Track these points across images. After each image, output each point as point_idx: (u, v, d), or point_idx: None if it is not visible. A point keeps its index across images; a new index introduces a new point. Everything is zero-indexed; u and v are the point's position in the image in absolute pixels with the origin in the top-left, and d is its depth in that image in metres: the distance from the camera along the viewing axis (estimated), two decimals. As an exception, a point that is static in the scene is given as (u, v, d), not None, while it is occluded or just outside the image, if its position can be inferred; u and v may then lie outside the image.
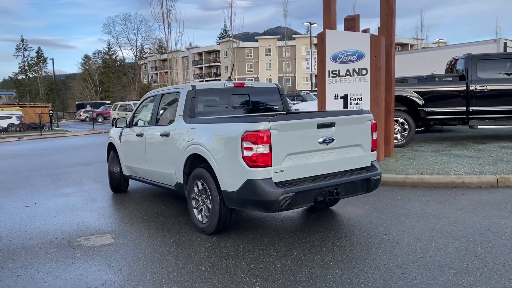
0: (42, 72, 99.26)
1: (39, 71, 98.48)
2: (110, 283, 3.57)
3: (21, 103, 64.67)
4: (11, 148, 17.92)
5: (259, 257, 4.07)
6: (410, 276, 3.51)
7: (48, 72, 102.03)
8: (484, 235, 4.42)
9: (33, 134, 26.70)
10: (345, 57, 8.76)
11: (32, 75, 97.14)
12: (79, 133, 26.37)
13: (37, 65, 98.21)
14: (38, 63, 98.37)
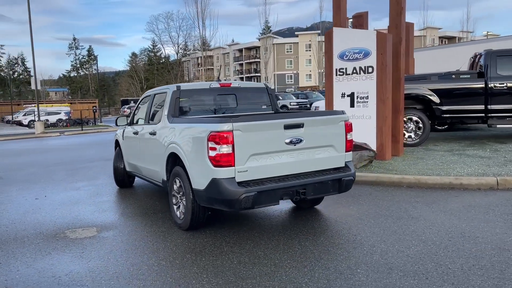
0: (93, 69, 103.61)
1: (90, 69, 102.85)
2: (74, 274, 3.85)
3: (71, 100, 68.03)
4: (51, 143, 19.00)
5: (221, 254, 4.21)
6: (355, 277, 3.54)
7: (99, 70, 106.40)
8: (454, 239, 4.34)
9: (74, 129, 28.11)
10: (351, 55, 8.69)
11: (83, 72, 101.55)
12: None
13: (88, 62, 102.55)
14: (89, 61, 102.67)
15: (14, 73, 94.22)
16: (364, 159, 7.87)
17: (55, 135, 23.72)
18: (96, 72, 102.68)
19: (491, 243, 4.16)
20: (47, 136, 23.45)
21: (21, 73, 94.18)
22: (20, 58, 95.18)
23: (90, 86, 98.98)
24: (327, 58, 9.12)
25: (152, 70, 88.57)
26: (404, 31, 8.92)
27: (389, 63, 8.39)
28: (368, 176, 7.11)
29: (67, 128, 31.72)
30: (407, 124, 10.16)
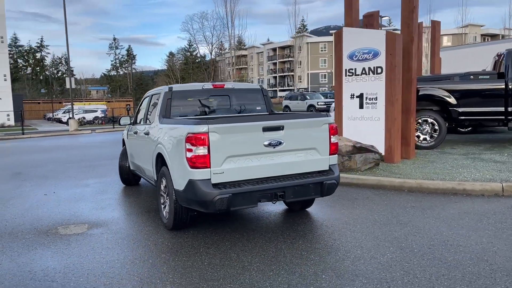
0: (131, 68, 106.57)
1: (129, 68, 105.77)
2: (49, 269, 3.99)
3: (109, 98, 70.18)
4: (80, 140, 19.69)
5: (195, 255, 4.25)
6: (317, 283, 3.49)
7: (137, 69, 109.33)
8: (435, 247, 4.20)
9: (107, 127, 28.99)
10: (361, 55, 8.54)
11: (122, 71, 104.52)
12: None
13: (127, 62, 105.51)
14: (128, 60, 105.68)
15: (58, 72, 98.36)
16: (369, 162, 7.71)
17: (86, 133, 24.54)
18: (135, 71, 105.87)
19: (472, 253, 4.00)
20: (79, 133, 24.31)
21: (64, 72, 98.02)
22: (64, 57, 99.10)
23: (128, 85, 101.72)
24: (336, 58, 8.99)
25: (187, 69, 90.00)
26: (416, 30, 8.66)
27: (398, 63, 8.17)
28: (369, 179, 6.97)
29: (101, 126, 32.71)
30: (422, 126, 9.87)
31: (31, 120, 49.01)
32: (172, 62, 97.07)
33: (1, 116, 36.97)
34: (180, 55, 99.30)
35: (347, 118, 8.90)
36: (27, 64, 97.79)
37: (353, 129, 8.76)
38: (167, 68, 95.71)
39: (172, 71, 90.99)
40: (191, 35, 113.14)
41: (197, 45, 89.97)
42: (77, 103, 47.82)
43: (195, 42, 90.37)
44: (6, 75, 38.30)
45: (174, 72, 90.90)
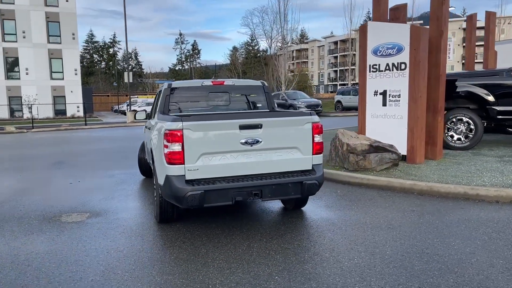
0: (196, 62, 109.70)
1: (193, 62, 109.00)
2: (33, 254, 4.28)
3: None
4: (131, 132, 20.69)
5: (167, 249, 4.36)
6: (267, 284, 3.46)
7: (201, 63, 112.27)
8: (409, 254, 3.99)
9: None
10: (385, 50, 8.20)
11: (187, 65, 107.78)
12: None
13: (192, 56, 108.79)
14: (193, 54, 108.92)
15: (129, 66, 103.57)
16: (385, 162, 7.41)
17: (141, 125, 25.68)
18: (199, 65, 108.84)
19: (444, 263, 3.76)
20: (135, 125, 25.52)
21: (134, 67, 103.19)
22: (134, 52, 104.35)
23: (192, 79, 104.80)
24: (361, 53, 8.69)
25: (249, 64, 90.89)
26: (446, 24, 8.15)
27: (423, 59, 7.75)
28: (379, 180, 6.71)
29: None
30: (457, 125, 9.29)
31: (100, 112, 52.17)
32: (234, 57, 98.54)
33: (72, 108, 39.70)
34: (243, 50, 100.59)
35: (370, 116, 8.60)
36: (101, 59, 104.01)
37: (376, 127, 8.45)
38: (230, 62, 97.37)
39: (234, 65, 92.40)
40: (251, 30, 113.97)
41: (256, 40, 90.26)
42: (141, 96, 50.12)
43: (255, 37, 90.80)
44: (77, 69, 40.97)
45: (236, 66, 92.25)
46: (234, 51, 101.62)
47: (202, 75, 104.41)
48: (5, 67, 38.33)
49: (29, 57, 38.66)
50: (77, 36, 40.65)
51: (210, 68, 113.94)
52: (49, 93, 39.63)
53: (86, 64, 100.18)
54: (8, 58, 38.44)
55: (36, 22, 38.77)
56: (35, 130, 24.41)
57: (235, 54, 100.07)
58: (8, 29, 38.23)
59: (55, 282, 3.60)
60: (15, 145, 16.15)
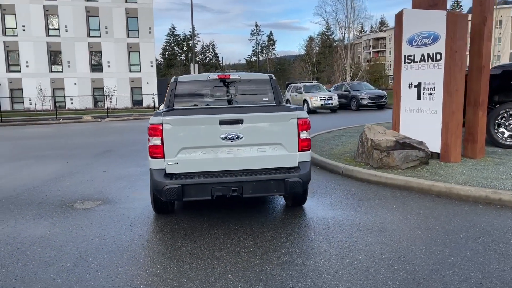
0: (271, 54, 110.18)
1: (269, 53, 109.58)
2: (29, 237, 4.62)
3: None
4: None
5: (151, 240, 4.49)
6: (216, 281, 3.44)
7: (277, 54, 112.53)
8: (381, 261, 3.73)
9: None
10: (420, 40, 7.65)
11: (262, 57, 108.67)
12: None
13: (267, 47, 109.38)
14: (268, 45, 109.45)
15: (206, 58, 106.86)
16: (411, 160, 6.94)
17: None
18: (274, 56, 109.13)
19: (413, 274, 3.46)
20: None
21: (211, 59, 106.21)
22: (211, 45, 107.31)
23: (267, 70, 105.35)
24: (396, 43, 8.17)
25: (324, 54, 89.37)
26: (490, 9, 7.37)
27: (460, 48, 7.10)
28: (398, 179, 6.31)
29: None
30: (508, 121, 8.41)
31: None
32: (310, 47, 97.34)
33: (148, 98, 41.87)
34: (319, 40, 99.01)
35: (404, 110, 8.08)
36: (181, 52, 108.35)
37: (410, 122, 7.94)
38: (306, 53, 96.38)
39: (308, 56, 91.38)
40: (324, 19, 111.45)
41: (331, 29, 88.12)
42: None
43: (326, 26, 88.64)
44: (152, 62, 43.12)
45: (310, 56, 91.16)
46: (310, 41, 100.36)
47: (277, 66, 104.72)
48: (90, 61, 41.41)
49: (110, 51, 41.39)
50: (153, 30, 42.69)
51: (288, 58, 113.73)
52: (127, 85, 42.19)
53: (168, 56, 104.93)
54: (92, 52, 41.48)
55: (117, 18, 41.34)
56: (108, 120, 26.18)
57: (310, 44, 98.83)
58: (93, 25, 41.20)
59: (30, 265, 3.87)
60: (81, 133, 17.46)
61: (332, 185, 6.60)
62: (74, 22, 40.51)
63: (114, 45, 41.38)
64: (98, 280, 3.51)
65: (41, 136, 16.83)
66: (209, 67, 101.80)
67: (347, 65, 35.18)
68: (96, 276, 3.59)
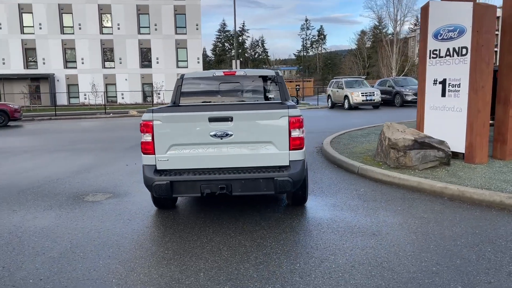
0: (321, 48, 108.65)
1: (319, 48, 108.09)
2: (32, 228, 4.84)
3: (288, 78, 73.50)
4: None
5: (141, 234, 4.58)
6: (187, 279, 3.45)
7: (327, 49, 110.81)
8: (361, 266, 3.58)
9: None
10: (446, 33, 7.25)
11: (312, 52, 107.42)
12: (312, 107, 28.66)
13: (317, 42, 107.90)
14: (318, 40, 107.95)
15: (255, 53, 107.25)
16: (430, 160, 6.60)
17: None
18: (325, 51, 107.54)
19: (390, 281, 3.29)
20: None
21: (260, 54, 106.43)
22: (261, 40, 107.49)
23: (317, 65, 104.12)
24: (422, 37, 7.79)
25: (374, 48, 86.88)
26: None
27: (487, 42, 6.65)
28: (410, 180, 6.02)
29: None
30: None
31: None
32: (361, 41, 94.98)
33: (194, 94, 42.53)
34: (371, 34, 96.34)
35: (429, 108, 7.70)
36: (231, 47, 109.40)
37: (435, 120, 7.56)
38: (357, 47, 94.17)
39: (359, 50, 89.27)
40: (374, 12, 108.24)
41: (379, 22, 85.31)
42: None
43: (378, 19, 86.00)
44: (199, 58, 43.87)
45: (361, 51, 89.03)
46: (362, 35, 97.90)
47: (327, 61, 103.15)
48: (140, 57, 42.83)
49: (159, 48, 42.56)
50: (200, 26, 43.38)
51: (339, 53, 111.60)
52: (175, 80, 43.18)
53: (218, 52, 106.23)
54: (142, 49, 42.85)
55: (166, 15, 42.40)
56: (153, 114, 26.92)
57: (362, 39, 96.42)
58: (143, 22, 42.53)
59: (21, 254, 4.06)
60: (123, 127, 18.10)
61: (343, 185, 6.41)
62: (125, 20, 42.00)
63: (163, 41, 42.48)
64: (76, 272, 3.63)
65: (85, 130, 17.64)
66: (258, 63, 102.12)
67: (392, 60, 34.01)
68: (76, 268, 3.71)
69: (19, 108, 22.06)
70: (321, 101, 31.51)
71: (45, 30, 41.45)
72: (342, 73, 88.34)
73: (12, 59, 41.40)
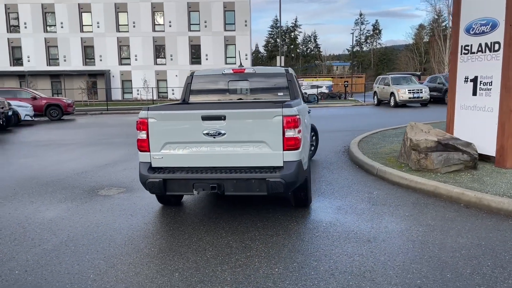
0: (376, 44, 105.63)
1: (374, 43, 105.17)
2: (40, 219, 5.04)
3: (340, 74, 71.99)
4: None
5: (135, 231, 4.64)
6: (162, 278, 3.45)
7: (382, 44, 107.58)
8: (341, 274, 3.40)
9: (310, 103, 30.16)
10: (478, 27, 6.76)
11: (366, 47, 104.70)
12: (358, 104, 27.98)
13: (372, 37, 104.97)
14: (373, 35, 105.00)
15: (307, 49, 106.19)
16: (453, 163, 6.18)
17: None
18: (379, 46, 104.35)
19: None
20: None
21: (312, 50, 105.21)
22: (313, 35, 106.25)
23: (372, 60, 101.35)
24: (454, 32, 7.32)
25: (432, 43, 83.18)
26: None
27: (522, 36, 6.11)
28: (426, 184, 5.67)
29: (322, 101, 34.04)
30: None
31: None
32: (419, 36, 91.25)
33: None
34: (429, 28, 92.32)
35: (459, 107, 7.23)
36: (283, 43, 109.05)
37: (465, 121, 7.09)
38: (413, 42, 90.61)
39: (416, 45, 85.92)
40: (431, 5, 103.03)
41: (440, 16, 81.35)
42: (307, 79, 51.17)
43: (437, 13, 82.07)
44: (247, 54, 44.04)
45: (418, 46, 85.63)
46: (420, 29, 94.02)
47: (381, 57, 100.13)
48: (190, 54, 43.73)
49: (208, 44, 43.23)
50: (249, 23, 43.55)
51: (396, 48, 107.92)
52: (223, 77, 43.70)
53: (270, 48, 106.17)
54: (192, 46, 43.72)
55: (216, 12, 42.96)
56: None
57: (420, 33, 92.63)
58: (193, 20, 43.38)
59: (19, 245, 4.24)
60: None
61: (357, 187, 6.16)
62: (177, 18, 43.01)
63: (212, 38, 43.10)
64: (60, 266, 3.73)
65: (129, 124, 18.25)
66: (310, 58, 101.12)
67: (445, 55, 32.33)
68: (62, 262, 3.81)
69: (72, 102, 23.27)
70: (369, 98, 30.62)
71: (102, 29, 43.35)
72: (397, 69, 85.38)
73: (72, 56, 43.70)
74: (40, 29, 43.26)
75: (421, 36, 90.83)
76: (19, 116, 18.37)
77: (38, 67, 43.27)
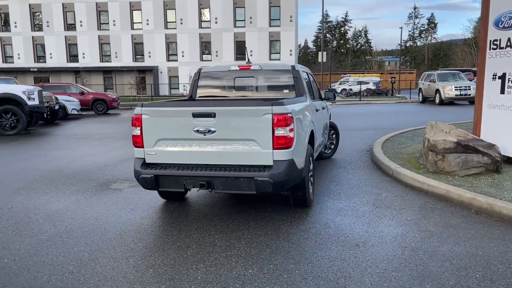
0: (431, 38, 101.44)
1: (428, 37, 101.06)
2: (47, 210, 5.23)
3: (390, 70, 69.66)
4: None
5: (133, 225, 4.72)
6: (137, 273, 3.48)
7: (438, 39, 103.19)
8: (315, 280, 3.28)
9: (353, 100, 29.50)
10: (507, 20, 6.31)
11: (420, 42, 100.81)
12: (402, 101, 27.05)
13: (427, 31, 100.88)
14: (428, 29, 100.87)
15: (357, 44, 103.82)
16: (472, 166, 5.80)
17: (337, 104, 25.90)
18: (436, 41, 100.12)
19: (329, 301, 2.97)
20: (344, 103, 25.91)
21: (363, 45, 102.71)
22: (364, 30, 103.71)
23: (426, 56, 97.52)
24: (482, 26, 6.86)
25: (492, 37, 78.62)
26: None
27: (553, 29, 5.61)
28: (438, 188, 5.36)
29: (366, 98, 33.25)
30: None
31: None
32: (477, 29, 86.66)
33: (286, 86, 42.68)
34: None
35: (487, 106, 6.77)
36: (333, 38, 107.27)
37: (492, 121, 6.65)
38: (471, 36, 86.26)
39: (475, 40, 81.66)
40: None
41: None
42: (353, 75, 50.08)
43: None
44: (292, 50, 43.75)
45: (476, 40, 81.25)
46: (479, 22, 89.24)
47: (437, 52, 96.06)
48: (235, 50, 44.07)
49: (253, 40, 43.34)
50: (295, 18, 43.19)
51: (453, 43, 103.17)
52: (268, 72, 43.68)
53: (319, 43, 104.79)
54: (237, 42, 44.02)
55: (261, 8, 42.97)
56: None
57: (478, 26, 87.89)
58: (239, 16, 43.64)
59: (18, 235, 4.43)
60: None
61: (367, 188, 5.93)
62: (222, 14, 43.45)
63: (257, 34, 43.17)
64: (47, 256, 3.86)
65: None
66: (360, 54, 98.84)
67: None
68: (49, 253, 3.95)
69: (117, 97, 24.17)
70: (415, 94, 29.49)
71: (151, 26, 44.61)
72: (453, 65, 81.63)
73: (123, 52, 45.34)
74: (94, 27, 45.18)
75: (479, 29, 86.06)
76: (66, 110, 19.32)
77: (92, 64, 45.28)
